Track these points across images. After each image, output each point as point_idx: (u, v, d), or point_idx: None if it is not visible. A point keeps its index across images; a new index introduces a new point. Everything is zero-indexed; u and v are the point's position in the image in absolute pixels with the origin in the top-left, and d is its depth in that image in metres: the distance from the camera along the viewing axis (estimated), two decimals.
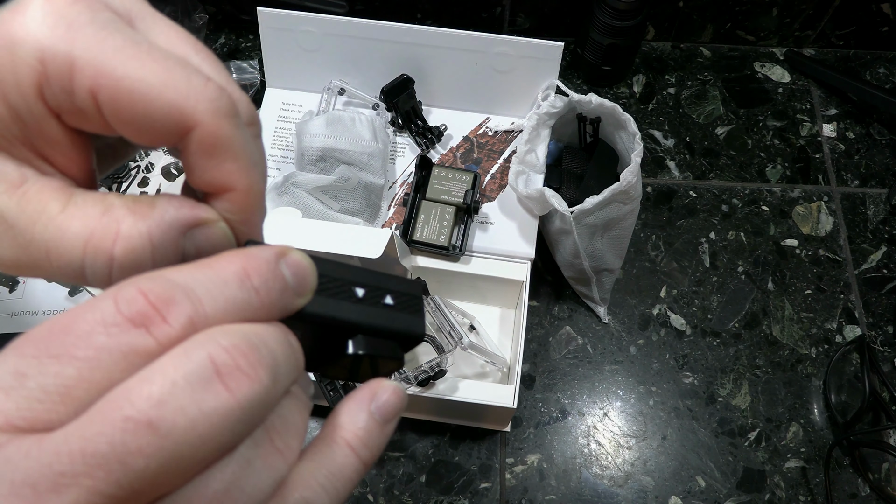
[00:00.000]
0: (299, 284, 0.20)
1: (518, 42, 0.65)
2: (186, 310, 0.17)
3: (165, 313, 0.17)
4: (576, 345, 0.71)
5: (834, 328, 0.72)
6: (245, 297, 0.18)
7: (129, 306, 0.17)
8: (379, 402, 0.22)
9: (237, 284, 0.18)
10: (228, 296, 0.18)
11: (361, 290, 0.21)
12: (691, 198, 0.79)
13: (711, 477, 0.66)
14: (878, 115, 0.84)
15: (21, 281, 0.70)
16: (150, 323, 0.17)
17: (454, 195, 0.65)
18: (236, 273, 0.18)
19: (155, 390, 0.16)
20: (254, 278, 0.19)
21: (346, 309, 0.21)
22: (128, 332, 0.17)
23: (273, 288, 0.19)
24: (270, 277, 0.19)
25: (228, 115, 0.19)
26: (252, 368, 0.17)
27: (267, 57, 0.70)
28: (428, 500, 0.64)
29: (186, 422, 0.16)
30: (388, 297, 0.22)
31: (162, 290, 0.17)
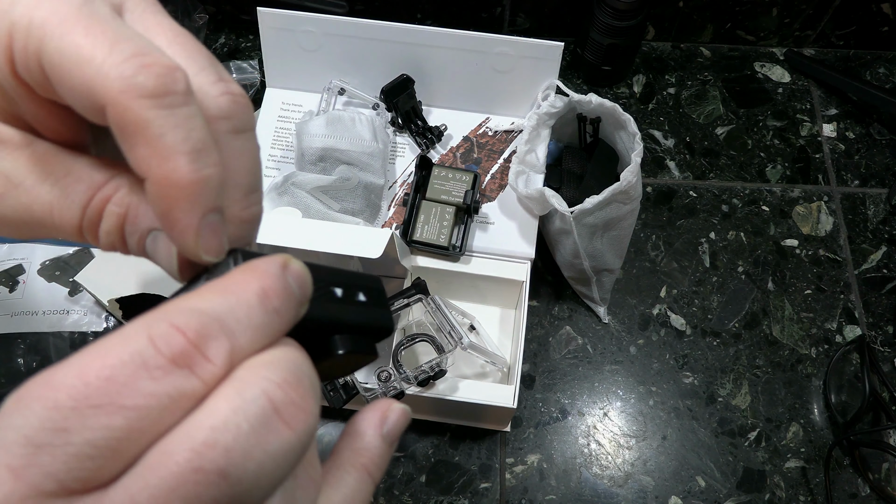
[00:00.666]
0: (304, 293, 0.19)
1: (518, 42, 0.65)
2: (225, 345, 0.17)
3: (205, 350, 0.17)
4: (576, 345, 0.71)
5: (834, 328, 0.72)
6: (268, 320, 0.18)
7: (168, 346, 0.16)
8: (389, 425, 0.23)
9: (261, 308, 0.18)
10: (255, 322, 0.18)
11: (339, 289, 0.21)
12: (691, 198, 0.79)
13: (711, 477, 0.66)
14: (878, 115, 0.84)
15: (21, 281, 0.70)
16: (193, 363, 0.16)
17: (454, 195, 0.65)
18: (258, 295, 0.18)
19: (221, 438, 0.16)
20: (273, 299, 0.18)
21: (331, 310, 0.21)
22: (173, 374, 0.16)
23: (290, 306, 0.19)
24: (286, 295, 0.19)
25: (144, 94, 0.17)
26: (304, 400, 0.18)
27: (267, 57, 0.70)
28: (428, 500, 0.64)
29: (255, 465, 0.16)
30: (361, 293, 0.22)
31: (197, 324, 0.17)
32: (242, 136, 0.20)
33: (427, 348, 0.57)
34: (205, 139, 0.18)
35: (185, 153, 0.18)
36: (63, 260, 0.71)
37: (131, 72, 0.17)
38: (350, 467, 0.22)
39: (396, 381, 0.54)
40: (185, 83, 0.18)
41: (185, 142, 0.18)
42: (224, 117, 0.20)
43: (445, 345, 0.56)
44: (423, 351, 0.60)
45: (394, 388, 0.54)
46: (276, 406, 0.17)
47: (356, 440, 0.22)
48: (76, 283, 0.70)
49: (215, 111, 0.19)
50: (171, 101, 0.17)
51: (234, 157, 0.20)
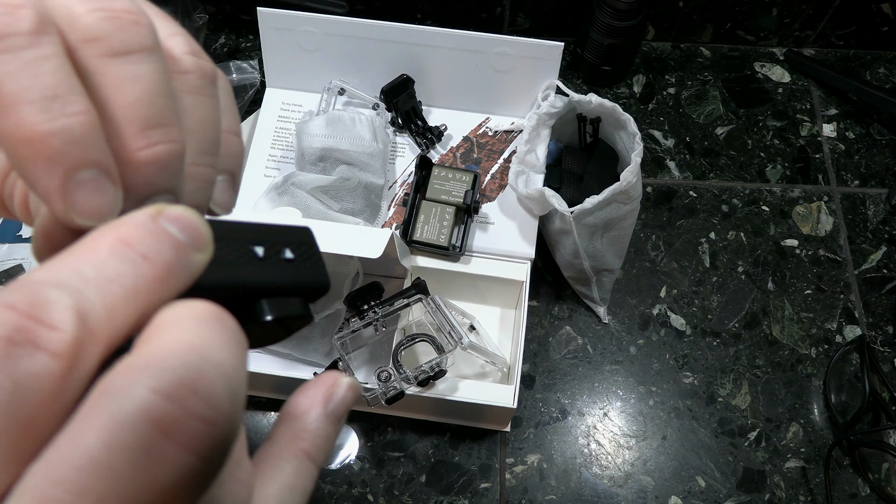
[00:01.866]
0: (192, 237, 0.16)
1: (518, 42, 0.65)
2: (66, 303, 0.14)
3: (44, 317, 0.13)
4: (576, 345, 0.71)
5: (834, 328, 0.72)
6: (132, 269, 0.15)
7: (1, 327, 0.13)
8: (335, 401, 0.20)
9: (116, 258, 0.15)
10: (111, 274, 0.14)
11: (260, 248, 0.19)
12: (691, 198, 0.79)
13: (711, 477, 0.66)
14: (878, 115, 0.84)
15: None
16: (32, 336, 0.13)
17: (454, 195, 0.65)
18: (110, 246, 0.15)
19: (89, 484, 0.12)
20: (136, 245, 0.15)
21: (250, 272, 0.18)
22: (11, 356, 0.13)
23: (164, 248, 0.15)
24: (154, 238, 0.15)
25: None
26: (204, 403, 0.14)
27: (267, 57, 0.70)
28: (428, 500, 0.64)
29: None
30: (287, 250, 0.20)
31: (29, 294, 0.13)
32: (126, 60, 0.16)
33: (427, 348, 0.57)
34: (63, 82, 0.15)
35: (33, 101, 0.15)
36: None
37: None
38: (288, 454, 0.19)
39: (396, 381, 0.54)
40: (31, 20, 0.15)
41: (32, 89, 0.15)
42: (92, 39, 0.16)
43: (445, 345, 0.56)
44: (423, 351, 0.60)
45: (394, 388, 0.54)
46: (162, 427, 0.13)
47: (296, 422, 0.19)
48: None
49: (82, 33, 0.16)
50: (12, 43, 0.15)
51: (116, 87, 0.16)
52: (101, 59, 0.16)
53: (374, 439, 0.66)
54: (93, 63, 0.16)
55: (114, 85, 0.16)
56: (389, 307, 0.58)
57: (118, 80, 0.16)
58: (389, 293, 0.58)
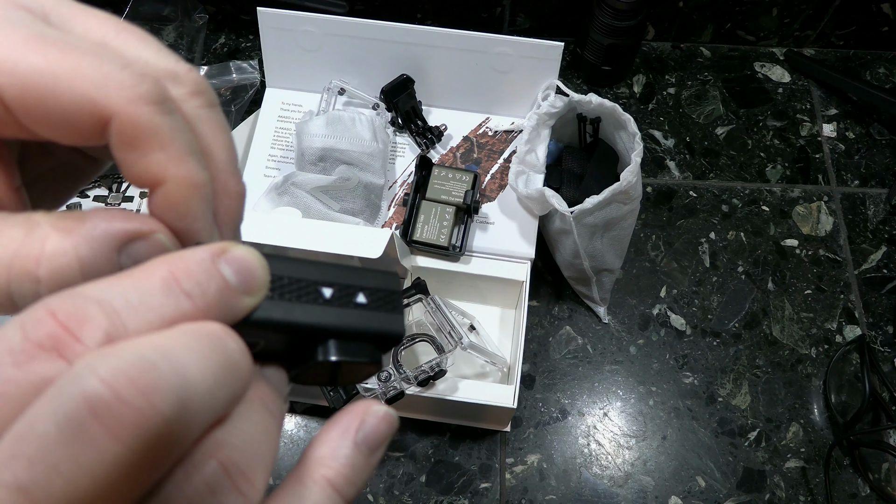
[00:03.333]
0: (244, 281, 0.17)
1: (518, 42, 0.65)
2: (101, 324, 0.15)
3: (78, 332, 0.15)
4: (576, 345, 0.71)
5: (834, 328, 0.72)
6: (173, 303, 0.16)
7: (36, 329, 0.14)
8: (366, 430, 0.19)
9: (162, 290, 0.16)
10: (152, 304, 0.16)
11: (329, 289, 0.19)
12: (691, 198, 0.79)
13: (711, 477, 0.66)
14: (878, 115, 0.84)
15: None
16: (60, 346, 0.14)
17: (454, 195, 0.65)
18: (162, 278, 0.16)
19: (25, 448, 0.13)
20: (183, 282, 0.16)
21: (310, 312, 0.18)
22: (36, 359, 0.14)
23: (209, 290, 0.16)
24: (204, 278, 0.16)
25: (150, 101, 0.17)
26: (142, 396, 0.14)
27: (267, 57, 0.70)
28: (428, 500, 0.64)
29: (65, 484, 0.13)
30: (361, 295, 0.20)
31: (72, 306, 0.15)
32: (216, 110, 0.19)
33: (427, 348, 0.57)
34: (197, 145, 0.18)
35: (193, 155, 0.18)
36: None
37: (133, 81, 0.17)
38: (310, 482, 0.18)
39: (396, 381, 0.54)
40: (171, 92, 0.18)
41: (190, 145, 0.18)
42: (199, 93, 0.19)
43: (445, 345, 0.56)
44: (423, 351, 0.60)
45: (394, 388, 0.54)
46: (92, 407, 0.14)
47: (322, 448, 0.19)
48: None
49: (191, 88, 0.19)
50: (170, 108, 0.17)
51: (215, 132, 0.19)
52: (206, 110, 0.19)
53: None
54: (201, 113, 0.19)
55: (217, 130, 0.19)
56: None
57: (219, 127, 0.19)
58: None
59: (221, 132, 0.19)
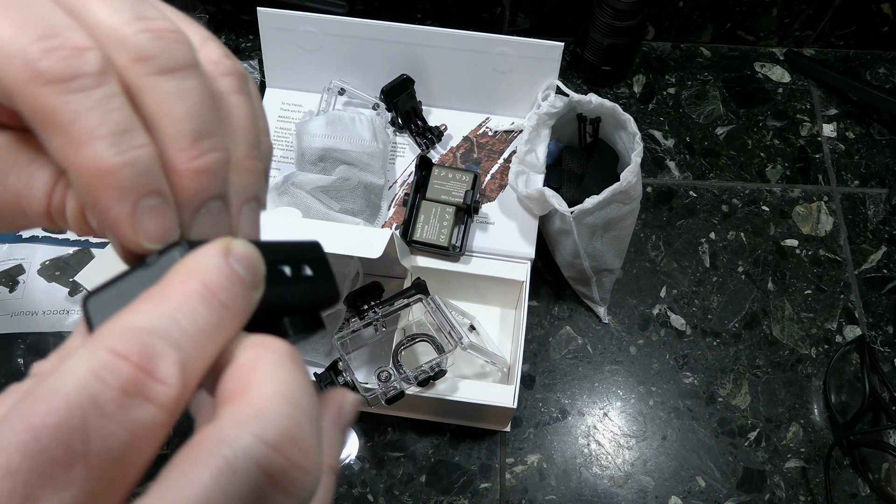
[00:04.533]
0: (254, 277, 0.18)
1: (518, 42, 0.65)
2: (173, 360, 0.15)
3: (154, 371, 0.15)
4: (576, 345, 0.71)
5: (834, 328, 0.72)
6: (218, 318, 0.16)
7: (114, 376, 0.14)
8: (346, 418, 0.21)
9: (206, 308, 0.16)
10: (202, 325, 0.16)
11: (287, 267, 0.20)
12: (691, 198, 0.79)
13: (711, 477, 0.66)
14: (878, 115, 0.84)
15: (21, 281, 0.70)
16: (144, 389, 0.15)
17: (454, 195, 0.65)
18: (200, 294, 0.16)
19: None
20: (219, 293, 0.16)
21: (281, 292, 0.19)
22: (126, 406, 0.14)
23: (239, 295, 0.17)
24: (231, 284, 0.17)
25: (49, 79, 0.15)
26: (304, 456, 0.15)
27: (267, 57, 0.70)
28: (428, 500, 0.64)
29: None
30: (307, 267, 0.21)
31: (138, 345, 0.15)
32: (173, 77, 0.17)
33: (427, 348, 0.57)
34: (128, 118, 0.17)
35: (104, 137, 0.16)
36: (63, 260, 0.71)
37: (36, 56, 0.15)
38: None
39: (396, 381, 0.54)
40: (96, 62, 0.16)
41: (103, 125, 0.16)
42: (142, 59, 0.17)
43: (445, 345, 0.56)
44: (423, 351, 0.60)
45: (394, 388, 0.54)
46: (272, 476, 0.14)
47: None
48: (76, 283, 0.70)
49: (132, 53, 0.17)
50: (82, 84, 0.16)
51: (166, 102, 0.17)
52: (151, 78, 0.17)
53: (374, 439, 0.66)
54: (142, 81, 0.17)
55: (164, 101, 0.17)
56: (389, 307, 0.58)
57: (168, 97, 0.17)
58: (389, 293, 0.58)
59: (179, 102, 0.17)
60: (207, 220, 0.18)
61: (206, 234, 0.18)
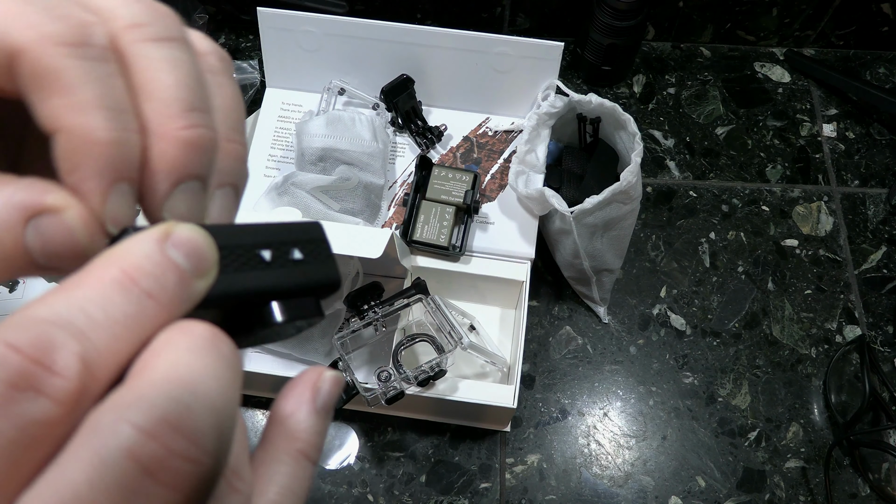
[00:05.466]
0: (197, 265, 0.16)
1: (518, 42, 0.65)
2: (73, 350, 0.14)
3: (49, 362, 0.13)
4: (576, 345, 0.71)
5: (834, 328, 0.72)
6: (137, 307, 0.15)
7: (3, 369, 0.13)
8: (323, 396, 0.20)
9: (122, 296, 0.15)
10: (116, 314, 0.14)
11: (267, 251, 0.19)
12: (691, 198, 0.79)
13: (711, 477, 0.66)
14: (878, 115, 0.84)
15: (21, 281, 0.70)
16: (37, 382, 0.13)
17: (454, 195, 0.65)
18: (116, 281, 0.15)
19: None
20: (141, 280, 0.15)
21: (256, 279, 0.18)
22: (15, 401, 0.13)
23: (168, 283, 0.15)
24: (160, 271, 0.15)
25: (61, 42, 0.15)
26: (190, 442, 0.14)
27: (267, 57, 0.70)
28: (428, 500, 0.64)
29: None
30: (295, 250, 0.20)
31: (32, 335, 0.13)
32: (166, 45, 0.17)
33: (427, 348, 0.57)
34: (125, 103, 0.16)
35: (102, 108, 0.16)
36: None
37: (47, 20, 0.16)
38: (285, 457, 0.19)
39: (396, 381, 0.54)
40: (103, 38, 0.16)
41: (103, 98, 0.16)
42: (135, 25, 0.17)
43: (445, 345, 0.56)
44: (423, 351, 0.60)
45: (394, 388, 0.54)
46: (145, 466, 0.13)
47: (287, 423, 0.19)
48: None
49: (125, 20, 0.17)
50: (89, 53, 0.16)
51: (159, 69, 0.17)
52: (144, 44, 0.17)
53: (374, 439, 0.66)
54: (135, 48, 0.17)
55: (156, 68, 0.17)
56: (389, 307, 0.58)
57: (160, 63, 0.17)
58: (389, 293, 0.58)
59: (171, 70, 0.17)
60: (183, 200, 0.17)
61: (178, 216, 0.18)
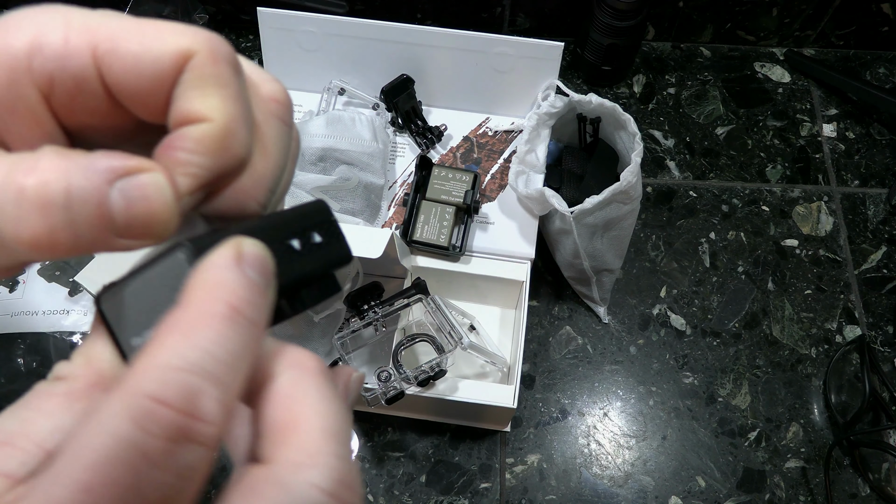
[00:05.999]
0: (268, 279, 0.17)
1: (518, 42, 0.65)
2: (215, 397, 0.15)
3: (199, 413, 0.15)
4: (576, 345, 0.71)
5: (834, 328, 0.72)
6: (248, 337, 0.16)
7: (159, 425, 0.14)
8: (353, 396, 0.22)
9: (234, 330, 0.16)
10: (235, 349, 0.16)
11: (296, 241, 0.20)
12: (691, 198, 0.79)
13: (711, 477, 0.66)
14: (878, 115, 0.84)
15: (21, 281, 0.70)
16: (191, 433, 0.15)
17: (454, 195, 0.65)
18: (227, 318, 0.16)
19: None
20: (245, 311, 0.16)
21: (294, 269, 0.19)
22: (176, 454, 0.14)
23: (262, 306, 0.17)
24: (254, 296, 0.17)
25: (226, 56, 0.18)
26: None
27: (267, 57, 0.70)
28: (428, 500, 0.64)
29: None
30: (315, 234, 0.21)
31: (176, 387, 0.15)
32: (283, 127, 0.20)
33: (427, 348, 0.57)
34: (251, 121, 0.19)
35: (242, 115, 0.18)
36: (63, 260, 0.71)
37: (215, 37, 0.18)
38: None
39: (396, 381, 0.54)
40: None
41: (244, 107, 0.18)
42: (276, 100, 0.20)
43: (445, 345, 0.56)
44: (423, 351, 0.60)
45: (394, 387, 0.54)
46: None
47: None
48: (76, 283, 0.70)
49: (271, 92, 0.20)
50: (239, 71, 0.18)
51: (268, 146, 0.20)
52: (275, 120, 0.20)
53: (374, 439, 0.66)
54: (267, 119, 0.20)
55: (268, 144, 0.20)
56: (389, 307, 0.58)
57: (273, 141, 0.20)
58: (389, 293, 0.58)
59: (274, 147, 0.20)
60: None
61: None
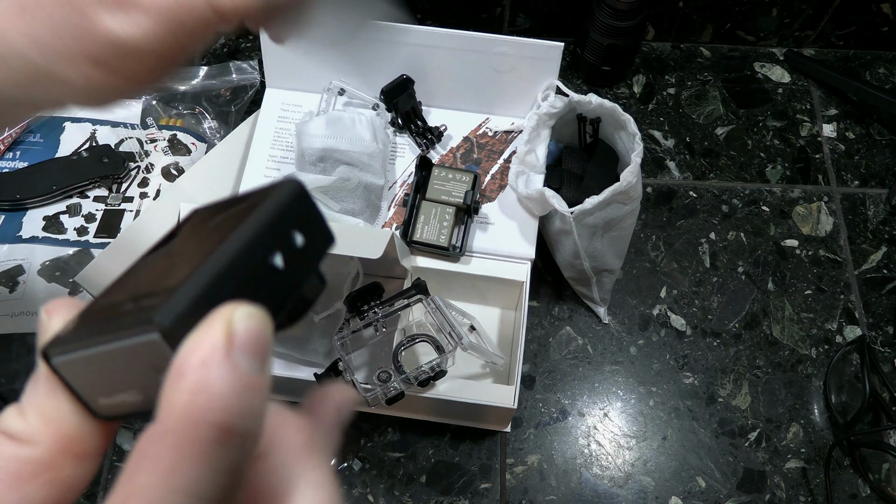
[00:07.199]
0: (263, 361, 0.15)
1: (518, 42, 0.65)
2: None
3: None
4: (576, 345, 0.71)
5: (834, 328, 0.72)
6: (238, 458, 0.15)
7: None
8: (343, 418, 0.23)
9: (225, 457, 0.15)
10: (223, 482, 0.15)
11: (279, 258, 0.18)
12: (691, 198, 0.79)
13: (712, 477, 0.66)
14: (878, 115, 0.84)
15: (21, 281, 0.70)
16: None
17: (454, 195, 0.65)
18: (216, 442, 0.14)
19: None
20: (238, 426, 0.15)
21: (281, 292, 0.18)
22: None
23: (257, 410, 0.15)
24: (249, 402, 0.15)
25: None
26: None
27: (267, 57, 0.70)
28: (428, 500, 0.64)
29: None
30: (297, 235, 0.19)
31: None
32: None
33: (427, 348, 0.57)
34: None
35: None
36: (63, 260, 0.71)
37: None
38: None
39: (396, 382, 0.54)
40: None
41: None
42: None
43: (445, 345, 0.56)
44: (423, 351, 0.60)
45: (394, 388, 0.54)
46: None
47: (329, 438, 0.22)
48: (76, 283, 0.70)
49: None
50: None
51: None
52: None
53: (374, 439, 0.66)
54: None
55: None
56: (389, 307, 0.58)
57: None
58: (389, 293, 0.58)
59: None
60: None
61: None
